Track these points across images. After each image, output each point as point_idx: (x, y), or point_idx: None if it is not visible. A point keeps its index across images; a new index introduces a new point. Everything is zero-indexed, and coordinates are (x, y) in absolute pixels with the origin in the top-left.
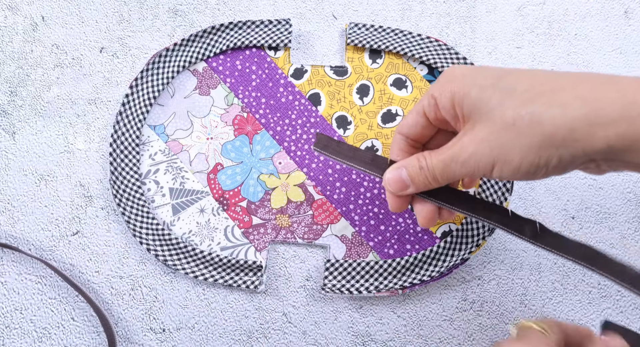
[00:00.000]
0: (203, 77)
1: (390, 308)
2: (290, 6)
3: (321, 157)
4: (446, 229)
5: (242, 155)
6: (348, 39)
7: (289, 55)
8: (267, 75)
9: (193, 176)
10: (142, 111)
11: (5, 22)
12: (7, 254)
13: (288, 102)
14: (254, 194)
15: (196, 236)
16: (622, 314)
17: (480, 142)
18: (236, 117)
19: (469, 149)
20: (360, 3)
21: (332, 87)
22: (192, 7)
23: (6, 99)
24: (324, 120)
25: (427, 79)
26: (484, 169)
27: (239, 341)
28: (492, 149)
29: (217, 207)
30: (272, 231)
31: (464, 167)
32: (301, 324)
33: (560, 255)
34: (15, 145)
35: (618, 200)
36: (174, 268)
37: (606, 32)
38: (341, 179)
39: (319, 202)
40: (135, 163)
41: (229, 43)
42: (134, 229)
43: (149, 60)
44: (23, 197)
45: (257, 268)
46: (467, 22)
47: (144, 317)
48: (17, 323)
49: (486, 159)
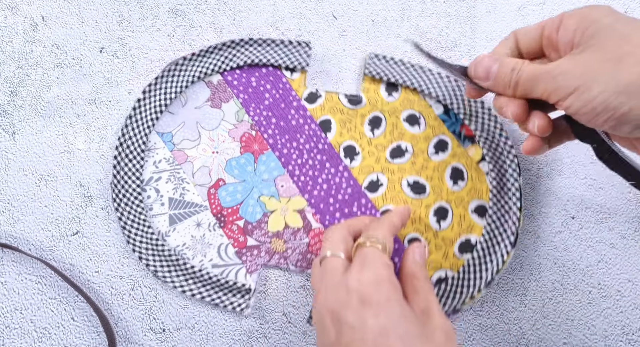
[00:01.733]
0: (217, 89)
1: None
2: (290, 6)
3: (324, 185)
4: (442, 276)
5: (245, 173)
6: (366, 69)
7: (305, 78)
8: (281, 96)
9: (194, 188)
10: (152, 118)
11: (5, 22)
12: (7, 254)
13: (298, 125)
14: (252, 215)
15: (189, 249)
16: (622, 314)
17: (578, 64)
18: (244, 134)
19: (564, 67)
20: (360, 3)
21: (344, 115)
22: (192, 7)
23: (6, 99)
24: (332, 148)
25: (442, 118)
26: (565, 90)
27: (239, 341)
28: (584, 73)
29: (214, 223)
30: (265, 254)
31: (549, 83)
32: (301, 324)
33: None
34: (15, 145)
35: (618, 200)
36: (162, 280)
37: None
38: (342, 210)
39: (316, 231)
40: (139, 168)
41: (246, 59)
42: (129, 236)
43: (165, 67)
44: (23, 197)
45: (245, 291)
46: (467, 22)
47: (144, 317)
48: (17, 323)
49: (574, 81)
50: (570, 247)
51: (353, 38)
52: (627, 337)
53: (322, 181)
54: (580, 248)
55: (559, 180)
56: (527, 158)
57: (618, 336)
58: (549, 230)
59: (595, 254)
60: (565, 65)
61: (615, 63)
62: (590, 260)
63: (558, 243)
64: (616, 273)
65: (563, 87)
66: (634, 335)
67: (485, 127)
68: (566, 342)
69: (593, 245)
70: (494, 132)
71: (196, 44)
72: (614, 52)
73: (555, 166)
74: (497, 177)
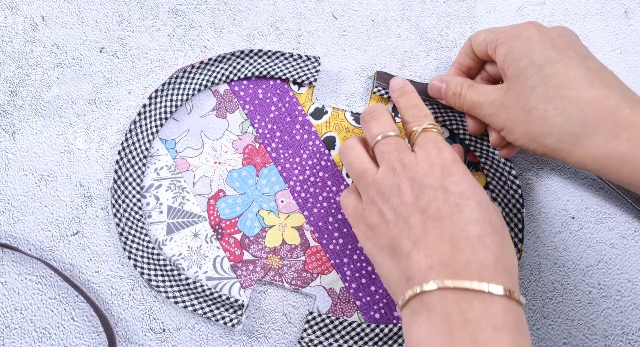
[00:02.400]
0: (223, 99)
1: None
2: (290, 6)
3: (324, 203)
4: None
5: (246, 186)
6: (375, 88)
7: (312, 93)
8: (287, 110)
9: (194, 198)
10: (157, 124)
11: (5, 22)
12: (7, 254)
13: (302, 140)
14: (250, 228)
15: (185, 260)
16: (622, 314)
17: (503, 107)
18: (248, 146)
19: (492, 109)
20: (360, 3)
21: (349, 133)
22: (192, 7)
23: (6, 99)
24: (335, 166)
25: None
26: (496, 127)
27: (239, 341)
28: (507, 119)
29: (211, 235)
30: (260, 269)
31: (484, 118)
32: (301, 324)
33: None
34: (15, 145)
35: (618, 200)
36: (156, 290)
37: (606, 32)
38: (340, 230)
39: (313, 250)
40: (140, 175)
41: (254, 70)
42: (125, 243)
43: (172, 75)
44: (23, 197)
45: (238, 306)
46: (467, 22)
47: (144, 317)
48: (17, 323)
49: (500, 123)
50: (570, 247)
51: (353, 38)
52: (627, 337)
53: (322, 198)
54: (580, 248)
55: (559, 180)
56: (526, 159)
57: (618, 336)
58: (549, 230)
59: (595, 254)
60: (492, 107)
61: (526, 115)
62: (590, 260)
63: (558, 243)
64: (616, 273)
65: (494, 124)
66: (634, 335)
67: (490, 155)
68: (566, 342)
69: (593, 245)
70: (498, 160)
71: (196, 44)
72: (525, 103)
73: (555, 166)
74: (499, 206)
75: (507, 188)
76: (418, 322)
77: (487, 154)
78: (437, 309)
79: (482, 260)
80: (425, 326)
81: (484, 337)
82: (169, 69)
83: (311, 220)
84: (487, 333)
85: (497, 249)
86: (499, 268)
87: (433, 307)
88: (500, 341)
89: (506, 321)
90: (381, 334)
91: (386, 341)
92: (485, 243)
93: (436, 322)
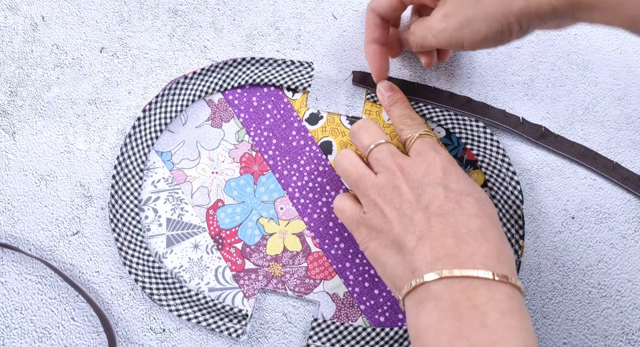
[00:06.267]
0: (217, 108)
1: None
2: (290, 6)
3: (324, 209)
4: None
5: (244, 194)
6: (368, 94)
7: (306, 98)
8: (282, 116)
9: (193, 209)
10: (152, 137)
11: (5, 22)
12: (7, 254)
13: (299, 146)
14: (250, 237)
15: (186, 272)
16: (622, 314)
17: (449, 18)
18: (244, 154)
19: (440, 25)
20: (360, 3)
21: (345, 137)
22: (192, 7)
23: (6, 99)
24: (332, 171)
25: (444, 143)
26: (457, 42)
27: (239, 341)
28: (461, 24)
29: (212, 245)
30: (263, 278)
31: (438, 40)
32: (301, 324)
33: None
34: (15, 145)
35: (618, 200)
36: (159, 303)
37: (606, 32)
38: (341, 234)
39: (315, 255)
40: (137, 188)
41: (248, 78)
42: (125, 257)
43: (165, 86)
44: (23, 197)
45: (242, 316)
46: None
47: (144, 317)
48: (17, 323)
49: (457, 34)
50: (570, 247)
51: (353, 38)
52: (627, 337)
53: (322, 204)
54: (580, 248)
55: (559, 180)
56: (526, 159)
57: (618, 336)
58: (549, 230)
59: (595, 254)
60: (440, 23)
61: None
62: (590, 260)
63: (558, 243)
64: (616, 273)
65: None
66: (634, 335)
67: (488, 152)
68: (566, 342)
69: (593, 245)
70: (496, 157)
71: (196, 44)
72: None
73: (555, 166)
74: (499, 204)
75: (505, 185)
76: (426, 309)
77: (484, 152)
78: (445, 297)
79: (485, 251)
80: (433, 313)
81: (492, 321)
82: (169, 69)
83: (311, 226)
84: (494, 317)
85: (497, 241)
86: (501, 259)
87: (440, 296)
88: (507, 324)
89: (512, 306)
90: (387, 338)
91: (392, 344)
92: (487, 236)
93: (444, 309)
